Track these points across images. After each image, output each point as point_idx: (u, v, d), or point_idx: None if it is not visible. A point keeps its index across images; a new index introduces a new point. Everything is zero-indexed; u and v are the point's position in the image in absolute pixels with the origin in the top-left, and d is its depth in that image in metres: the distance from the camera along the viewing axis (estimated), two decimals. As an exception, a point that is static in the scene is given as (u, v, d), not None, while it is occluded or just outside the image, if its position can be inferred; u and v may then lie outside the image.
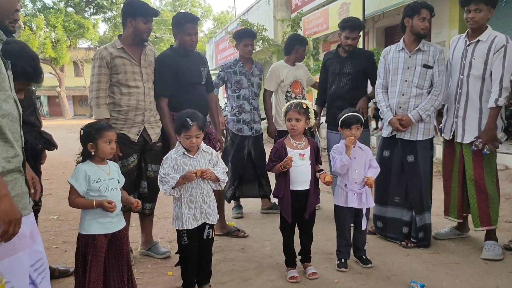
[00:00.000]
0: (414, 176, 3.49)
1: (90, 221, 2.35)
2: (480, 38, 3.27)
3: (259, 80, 4.49)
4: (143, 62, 3.32)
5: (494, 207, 3.33)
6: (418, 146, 3.49)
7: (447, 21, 8.12)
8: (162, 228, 4.28)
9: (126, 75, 3.22)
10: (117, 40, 3.30)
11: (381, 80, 3.65)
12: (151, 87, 3.36)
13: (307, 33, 11.12)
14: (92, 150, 2.40)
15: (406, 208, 3.54)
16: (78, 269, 2.36)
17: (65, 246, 3.85)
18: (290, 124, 2.95)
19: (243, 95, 4.39)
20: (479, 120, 3.30)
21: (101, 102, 3.18)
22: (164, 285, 2.95)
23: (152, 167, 3.35)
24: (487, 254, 3.26)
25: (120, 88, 3.22)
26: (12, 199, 1.63)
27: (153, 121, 3.35)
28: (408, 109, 3.46)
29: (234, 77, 4.38)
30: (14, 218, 1.64)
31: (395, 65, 3.53)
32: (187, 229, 2.68)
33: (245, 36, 4.43)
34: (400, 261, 3.25)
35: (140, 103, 3.25)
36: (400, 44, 3.53)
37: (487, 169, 3.31)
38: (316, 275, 2.99)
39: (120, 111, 3.22)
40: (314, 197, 3.00)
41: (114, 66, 3.20)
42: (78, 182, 2.34)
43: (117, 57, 3.21)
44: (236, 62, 4.45)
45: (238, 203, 4.69)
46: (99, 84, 3.18)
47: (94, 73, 3.21)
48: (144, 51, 3.35)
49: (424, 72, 3.42)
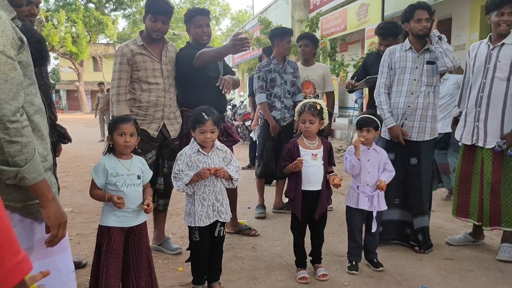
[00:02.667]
0: (416, 179, 3.48)
1: (108, 213, 2.39)
2: (505, 41, 3.26)
3: (293, 78, 4.47)
4: (164, 59, 3.33)
5: (507, 209, 3.29)
6: (422, 147, 3.47)
7: (467, 23, 7.98)
8: (174, 224, 4.30)
9: (146, 72, 3.25)
10: (138, 37, 3.33)
11: (384, 80, 3.60)
12: (171, 83, 3.37)
13: (324, 33, 11.05)
14: (110, 143, 2.43)
15: (406, 209, 3.54)
16: (94, 261, 2.40)
17: (79, 238, 3.91)
18: (304, 126, 2.93)
19: (275, 93, 4.41)
20: (502, 124, 3.26)
21: (121, 99, 3.22)
22: (174, 281, 2.96)
23: (167, 163, 3.37)
24: (503, 255, 3.25)
25: (140, 84, 3.25)
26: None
27: (172, 117, 3.37)
28: (417, 108, 3.44)
29: (269, 75, 4.40)
30: (63, 221, 1.62)
31: (403, 64, 3.49)
32: (199, 226, 2.69)
33: (288, 34, 4.45)
34: (412, 265, 3.21)
35: (160, 99, 3.28)
36: (407, 44, 3.51)
37: (505, 172, 3.28)
38: (326, 277, 2.97)
39: (140, 107, 3.25)
40: (325, 198, 2.99)
41: (135, 63, 3.23)
42: (97, 175, 2.39)
43: (138, 54, 3.24)
44: (271, 60, 4.46)
45: (261, 203, 4.67)
46: (119, 80, 3.23)
47: (115, 70, 3.25)
48: (165, 47, 3.37)
49: (430, 69, 3.43)
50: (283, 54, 4.45)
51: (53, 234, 1.58)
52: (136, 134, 2.47)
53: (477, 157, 3.41)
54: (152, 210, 3.45)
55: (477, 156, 3.42)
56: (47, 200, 1.57)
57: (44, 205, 1.57)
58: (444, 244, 3.61)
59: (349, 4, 10.38)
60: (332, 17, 11.12)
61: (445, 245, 3.61)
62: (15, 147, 1.43)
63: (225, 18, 48.30)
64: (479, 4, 7.21)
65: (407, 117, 3.47)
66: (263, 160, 4.48)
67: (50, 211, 1.57)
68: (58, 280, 1.69)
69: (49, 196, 1.57)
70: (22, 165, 1.46)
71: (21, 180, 1.48)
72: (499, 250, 3.34)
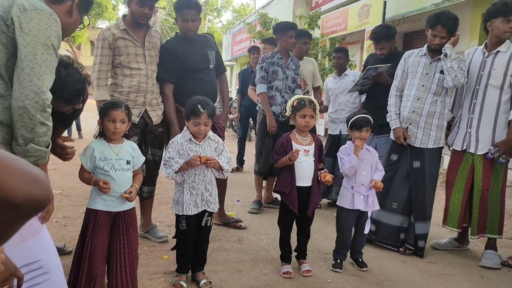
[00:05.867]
0: (419, 183, 3.46)
1: (95, 197, 2.38)
2: (500, 49, 3.27)
3: (294, 74, 4.45)
4: (147, 44, 3.29)
5: (492, 217, 3.33)
6: (426, 153, 3.46)
7: (467, 31, 8.00)
8: (162, 213, 4.30)
9: (128, 57, 3.21)
10: (121, 21, 3.27)
11: (397, 82, 3.61)
12: (154, 69, 3.34)
13: (325, 31, 11.04)
14: (100, 127, 2.42)
15: (404, 214, 3.52)
16: (78, 243, 2.39)
17: (65, 221, 3.89)
18: (304, 121, 2.93)
19: (276, 86, 4.37)
20: (493, 131, 3.28)
21: (101, 84, 3.18)
22: (159, 268, 2.96)
23: (151, 150, 3.35)
24: (486, 262, 3.29)
25: (122, 69, 3.21)
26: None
27: (154, 104, 3.34)
28: (421, 115, 3.43)
29: (271, 67, 4.37)
30: (52, 196, 1.75)
31: (415, 68, 3.49)
32: (186, 215, 2.68)
33: (290, 28, 4.43)
34: (395, 267, 3.23)
35: (142, 85, 3.24)
36: (424, 50, 3.50)
37: (494, 180, 3.30)
38: (310, 273, 2.98)
39: (121, 92, 3.21)
40: (317, 194, 2.99)
41: (117, 48, 3.19)
42: (85, 158, 2.39)
43: (120, 38, 3.19)
44: (275, 54, 4.44)
45: (259, 199, 4.65)
46: (100, 65, 3.19)
47: (97, 54, 3.21)
48: (149, 32, 3.32)
49: (442, 79, 3.39)
50: (286, 48, 4.42)
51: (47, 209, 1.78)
52: (127, 120, 2.45)
53: (465, 163, 3.42)
54: (139, 197, 3.47)
55: (464, 162, 3.43)
56: None
57: None
58: (429, 247, 3.63)
59: (351, 4, 10.36)
60: (333, 16, 11.11)
61: (430, 248, 3.63)
62: (44, 129, 1.68)
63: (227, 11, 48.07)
64: (480, 12, 7.23)
65: (412, 122, 3.47)
66: (263, 156, 4.44)
67: None
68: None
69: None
70: (43, 146, 1.69)
71: (39, 159, 1.74)
72: (482, 256, 3.36)
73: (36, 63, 1.60)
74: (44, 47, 1.62)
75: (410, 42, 9.66)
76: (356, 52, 11.49)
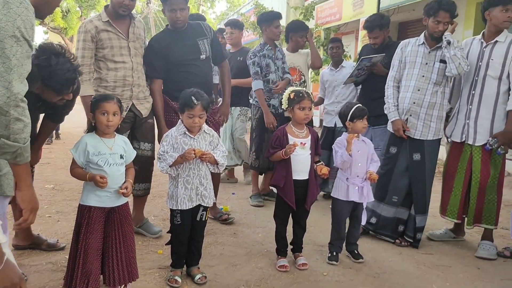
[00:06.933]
0: (419, 175, 3.44)
1: (89, 192, 2.34)
2: (498, 39, 3.24)
3: (282, 63, 4.39)
4: (131, 36, 3.17)
5: (489, 207, 3.33)
6: (426, 145, 3.44)
7: (462, 20, 7.95)
8: (156, 206, 4.26)
9: (112, 50, 3.09)
10: (103, 12, 3.13)
11: (394, 73, 3.55)
12: (139, 61, 3.23)
13: (319, 22, 10.95)
14: (92, 121, 2.37)
15: (404, 207, 3.50)
16: (73, 240, 2.35)
17: (58, 216, 3.85)
18: (304, 113, 2.89)
19: (271, 79, 4.29)
20: (492, 122, 3.27)
21: (84, 78, 3.01)
22: (153, 263, 2.93)
23: (143, 145, 3.25)
24: (482, 253, 3.29)
25: (106, 63, 3.10)
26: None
27: (141, 97, 3.24)
28: (422, 106, 3.39)
29: (263, 61, 4.28)
30: (36, 206, 1.76)
31: (413, 58, 3.44)
32: (181, 209, 2.65)
33: (276, 18, 4.34)
34: (392, 259, 3.22)
35: (127, 79, 3.14)
36: (421, 39, 3.44)
37: (492, 171, 3.29)
38: (306, 266, 2.97)
39: (106, 86, 3.10)
40: (314, 187, 2.97)
41: (100, 41, 3.07)
42: (77, 153, 2.33)
43: (103, 30, 3.07)
44: (264, 46, 4.34)
45: (257, 192, 4.61)
46: (83, 59, 3.05)
47: (78, 47, 3.08)
48: (133, 23, 3.20)
49: (443, 68, 3.34)
50: (273, 39, 4.35)
51: (25, 218, 1.71)
52: (119, 113, 2.40)
53: (464, 155, 3.41)
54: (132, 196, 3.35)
55: (464, 154, 3.41)
56: (25, 184, 1.71)
57: (22, 188, 1.71)
58: (425, 238, 3.62)
59: (346, -7, 10.29)
60: (327, 6, 11.02)
61: (426, 240, 3.63)
62: (19, 125, 1.59)
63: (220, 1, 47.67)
64: (475, 1, 7.19)
65: (412, 114, 3.42)
66: (263, 152, 4.37)
67: (25, 194, 1.71)
68: None
69: (28, 181, 1.72)
70: (21, 143, 1.61)
71: (17, 157, 1.63)
72: (478, 247, 3.37)
73: (5, 57, 1.52)
74: (13, 39, 1.53)
75: (404, 31, 9.62)
76: (351, 42, 11.43)
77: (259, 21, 4.52)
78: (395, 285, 2.79)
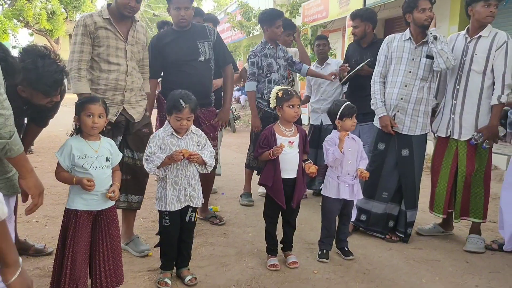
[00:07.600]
0: (408, 171, 3.46)
1: (75, 196, 2.30)
2: (482, 34, 3.27)
3: (284, 62, 4.35)
4: (130, 39, 3.04)
5: (476, 201, 3.36)
6: (414, 140, 3.46)
7: (447, 16, 8.03)
8: (145, 208, 4.21)
9: (108, 49, 2.94)
10: (105, 10, 2.99)
11: (380, 68, 3.56)
12: (134, 66, 3.08)
13: (306, 19, 10.98)
14: (78, 124, 2.33)
15: (394, 202, 3.52)
16: (59, 245, 2.31)
17: (45, 220, 3.80)
18: (294, 111, 2.89)
19: (274, 79, 4.24)
20: (476, 117, 3.29)
21: (83, 75, 2.88)
22: (142, 266, 2.91)
23: (138, 155, 3.07)
24: (470, 246, 3.32)
25: (99, 63, 2.95)
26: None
27: (133, 101, 3.08)
28: (409, 101, 3.41)
29: (265, 60, 4.23)
30: (42, 190, 1.83)
31: (400, 54, 3.45)
32: (169, 211, 2.63)
33: (278, 17, 4.30)
34: (381, 255, 3.24)
35: (120, 83, 2.97)
36: (407, 34, 3.46)
37: (477, 165, 3.33)
38: (296, 264, 2.97)
39: (97, 89, 2.94)
40: (301, 186, 2.96)
41: (97, 38, 2.92)
42: (62, 157, 2.28)
43: (102, 28, 2.93)
44: (265, 45, 4.29)
45: (248, 191, 4.58)
46: (81, 54, 2.89)
47: (76, 42, 2.89)
48: (133, 26, 3.07)
49: (429, 64, 3.37)
50: (275, 39, 4.31)
51: (35, 203, 1.80)
52: (105, 115, 2.37)
53: (450, 150, 3.44)
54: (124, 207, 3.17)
55: (449, 149, 3.44)
56: (27, 171, 1.76)
57: (24, 176, 1.77)
58: (414, 233, 3.65)
59: (332, -9, 10.32)
60: (314, 4, 11.05)
61: (415, 235, 3.65)
62: (0, 120, 1.54)
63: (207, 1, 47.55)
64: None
65: (399, 109, 3.44)
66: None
67: (30, 181, 1.78)
68: None
69: (29, 168, 1.76)
70: (7, 137, 1.58)
71: (7, 152, 1.63)
72: (467, 241, 3.40)
73: None
74: None
75: (391, 28, 9.69)
76: (338, 39, 11.46)
77: (260, 20, 4.47)
78: (385, 281, 2.81)
